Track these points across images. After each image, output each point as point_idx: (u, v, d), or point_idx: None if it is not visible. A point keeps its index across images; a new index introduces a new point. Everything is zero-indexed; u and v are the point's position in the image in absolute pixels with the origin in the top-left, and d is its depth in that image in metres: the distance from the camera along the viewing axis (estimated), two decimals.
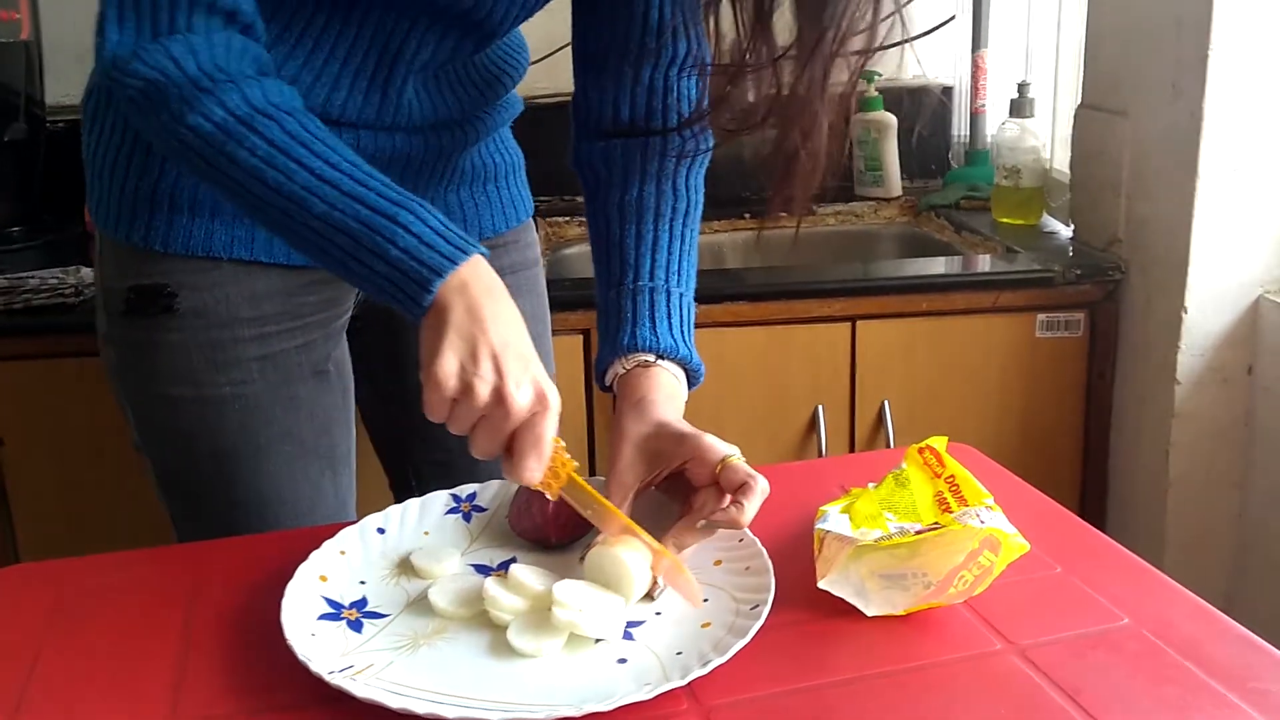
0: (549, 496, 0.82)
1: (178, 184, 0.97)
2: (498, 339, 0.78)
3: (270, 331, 1.01)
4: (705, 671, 0.69)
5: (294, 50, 0.92)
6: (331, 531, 0.87)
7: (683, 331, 0.94)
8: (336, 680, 0.69)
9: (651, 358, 0.92)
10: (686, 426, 0.87)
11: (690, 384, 0.95)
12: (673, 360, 0.93)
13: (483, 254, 0.82)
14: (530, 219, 1.20)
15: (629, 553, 0.79)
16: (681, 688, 0.69)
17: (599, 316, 0.97)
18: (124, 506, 1.58)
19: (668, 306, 0.94)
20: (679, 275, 0.97)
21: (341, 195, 0.80)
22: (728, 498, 0.82)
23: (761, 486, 0.82)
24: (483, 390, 0.76)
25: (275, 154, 0.80)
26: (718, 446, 0.84)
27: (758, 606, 0.76)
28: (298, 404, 1.04)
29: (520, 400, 0.77)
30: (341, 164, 0.81)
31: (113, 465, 1.57)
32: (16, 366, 1.55)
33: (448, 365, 0.77)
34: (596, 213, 1.00)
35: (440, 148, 1.04)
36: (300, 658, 0.71)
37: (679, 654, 0.73)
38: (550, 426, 0.78)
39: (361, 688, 0.68)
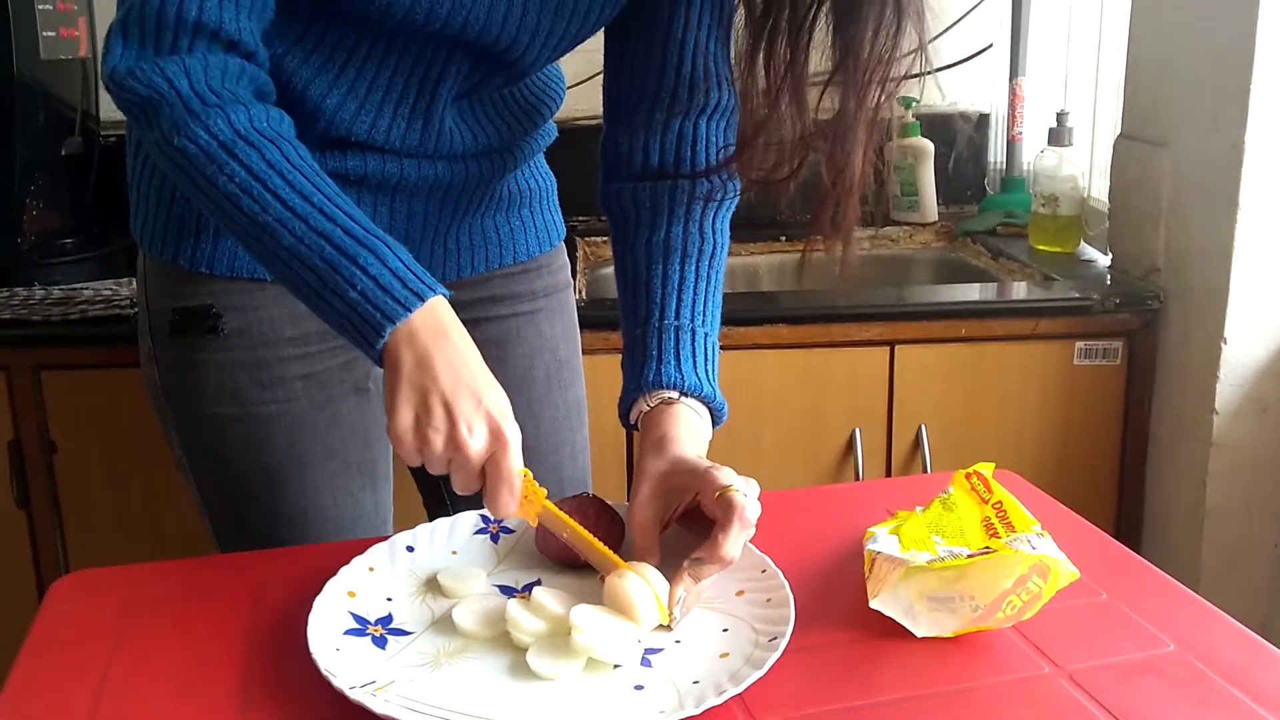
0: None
1: None
2: (448, 383, 0.79)
3: (313, 351, 1.03)
4: (719, 701, 0.70)
5: (338, 79, 0.94)
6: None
7: (706, 370, 0.95)
8: (357, 696, 0.70)
9: (675, 395, 0.93)
10: (704, 461, 0.87)
11: (714, 423, 0.96)
12: (696, 398, 0.93)
13: (443, 294, 0.83)
14: (561, 243, 1.23)
15: (638, 583, 0.79)
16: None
17: (624, 354, 0.98)
18: (172, 514, 1.61)
19: (692, 346, 0.95)
20: (704, 315, 0.98)
21: (309, 230, 0.81)
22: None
23: (743, 519, 0.81)
24: (437, 441, 0.79)
25: (252, 183, 0.82)
26: (721, 478, 0.84)
27: (776, 639, 0.76)
28: (340, 421, 1.06)
29: (475, 444, 0.79)
30: (314, 196, 0.83)
31: (163, 474, 1.60)
32: (72, 375, 1.59)
33: (403, 420, 0.79)
34: (624, 253, 1.02)
35: (480, 175, 1.06)
36: (324, 673, 0.72)
37: (695, 683, 0.73)
38: (513, 461, 0.80)
39: (380, 704, 0.69)
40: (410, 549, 0.89)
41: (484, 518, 0.94)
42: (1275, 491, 1.62)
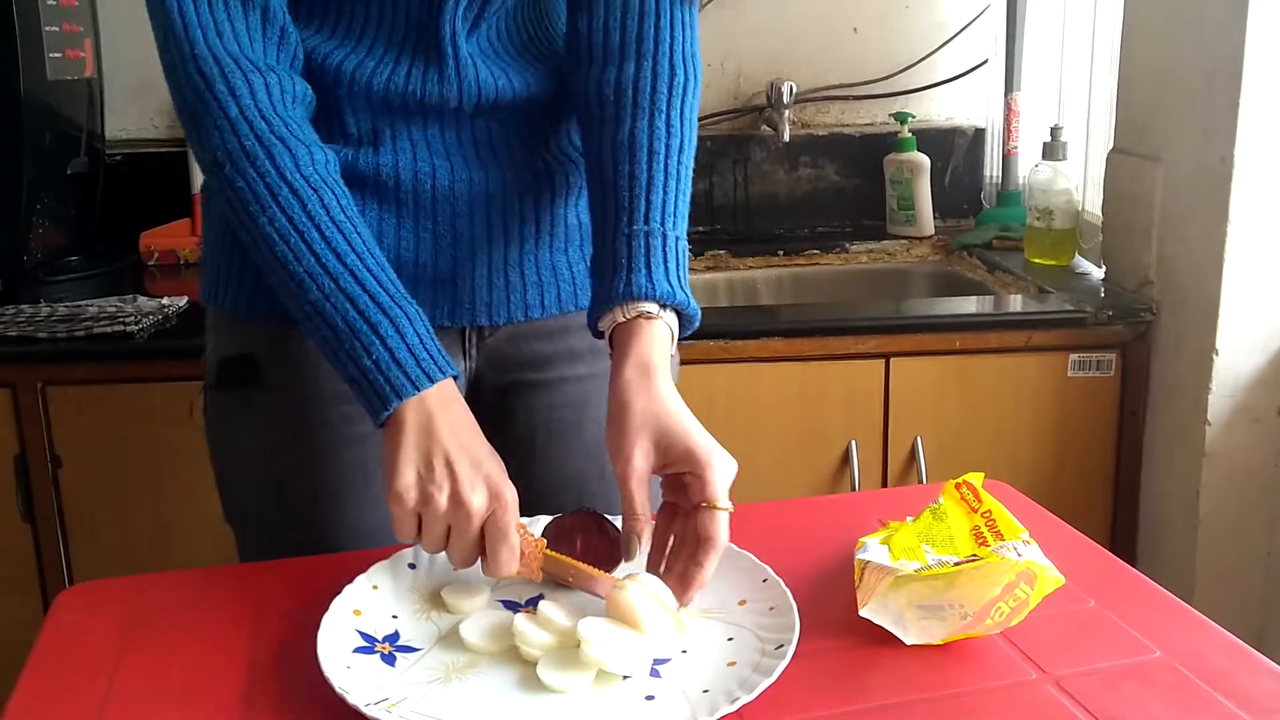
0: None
1: None
2: (452, 446, 0.82)
3: (355, 409, 1.00)
4: (733, 709, 0.71)
5: (334, 33, 0.95)
6: (376, 558, 0.90)
7: (679, 276, 0.94)
8: (373, 712, 0.71)
9: (653, 308, 0.91)
10: (701, 439, 0.86)
11: (684, 329, 0.94)
12: (670, 307, 0.92)
13: (453, 375, 0.85)
14: None
15: (642, 594, 0.80)
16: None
17: (593, 262, 0.97)
18: (177, 529, 1.63)
19: (664, 251, 0.94)
20: (674, 217, 0.96)
21: (337, 289, 0.84)
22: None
23: (718, 547, 0.83)
24: (440, 498, 0.81)
25: (290, 231, 0.85)
26: (714, 482, 0.84)
27: (783, 646, 0.77)
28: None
29: (476, 502, 0.81)
30: (348, 255, 0.85)
31: (166, 489, 1.62)
32: (78, 391, 1.60)
33: (406, 479, 0.81)
34: (590, 150, 1.00)
35: (507, 139, 1.03)
36: (338, 690, 0.73)
37: (705, 692, 0.75)
38: (511, 519, 0.82)
39: None
40: (412, 566, 0.90)
41: None
42: (1268, 501, 1.63)
